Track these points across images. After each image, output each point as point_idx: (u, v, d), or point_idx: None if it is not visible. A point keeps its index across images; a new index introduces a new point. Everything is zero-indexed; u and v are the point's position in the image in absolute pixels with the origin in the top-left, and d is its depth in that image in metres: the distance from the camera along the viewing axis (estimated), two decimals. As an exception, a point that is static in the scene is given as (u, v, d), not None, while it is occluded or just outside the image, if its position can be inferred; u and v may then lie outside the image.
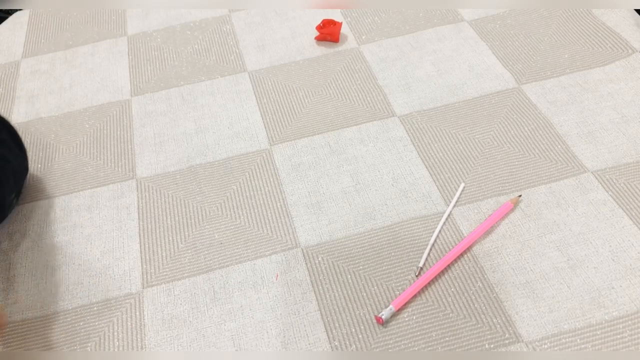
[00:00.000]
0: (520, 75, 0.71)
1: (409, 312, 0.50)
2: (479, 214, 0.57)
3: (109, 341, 0.50)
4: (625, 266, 0.52)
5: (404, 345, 0.48)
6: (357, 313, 0.50)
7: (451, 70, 0.72)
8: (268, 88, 0.72)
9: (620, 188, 0.57)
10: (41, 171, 0.65)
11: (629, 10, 0.77)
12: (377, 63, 0.74)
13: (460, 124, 0.66)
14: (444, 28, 0.78)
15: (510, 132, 0.64)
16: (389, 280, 0.52)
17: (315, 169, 0.62)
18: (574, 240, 0.54)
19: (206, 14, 0.85)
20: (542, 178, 0.59)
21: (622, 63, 0.70)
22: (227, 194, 0.61)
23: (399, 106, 0.68)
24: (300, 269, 0.54)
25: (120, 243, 0.57)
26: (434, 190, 0.59)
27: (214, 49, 0.79)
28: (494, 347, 0.47)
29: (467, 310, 0.50)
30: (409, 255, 0.54)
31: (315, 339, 0.49)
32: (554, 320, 0.49)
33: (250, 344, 0.49)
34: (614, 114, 0.65)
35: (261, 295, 0.52)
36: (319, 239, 0.56)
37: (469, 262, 0.53)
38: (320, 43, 0.78)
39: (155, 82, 0.75)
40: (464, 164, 0.61)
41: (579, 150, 0.61)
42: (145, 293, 0.53)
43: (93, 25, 0.85)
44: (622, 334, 0.47)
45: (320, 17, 0.80)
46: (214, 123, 0.68)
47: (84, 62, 0.79)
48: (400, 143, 0.64)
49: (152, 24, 0.84)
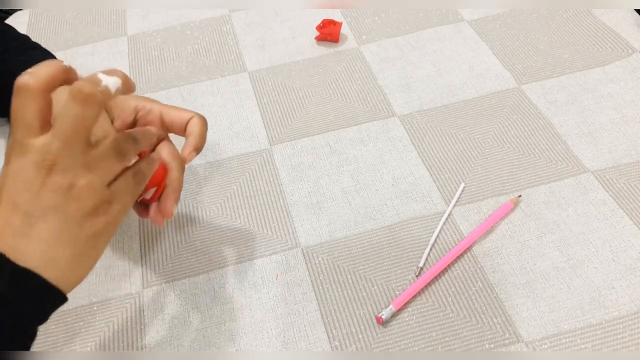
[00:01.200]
0: (520, 75, 0.71)
1: (409, 312, 0.50)
2: (479, 214, 0.57)
3: (109, 341, 0.50)
4: (625, 266, 0.52)
5: (404, 345, 0.48)
6: (357, 313, 0.50)
7: (451, 70, 0.72)
8: (268, 88, 0.72)
9: (620, 188, 0.57)
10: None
11: (629, 10, 0.77)
12: (377, 63, 0.74)
13: (460, 124, 0.66)
14: (444, 28, 0.78)
15: (510, 132, 0.64)
16: (389, 280, 0.52)
17: (315, 169, 0.62)
18: (574, 240, 0.54)
19: (206, 14, 0.85)
20: (542, 178, 0.59)
21: (622, 63, 0.70)
22: (227, 194, 0.61)
23: (399, 106, 0.68)
24: (300, 269, 0.54)
25: (120, 243, 0.57)
26: (434, 190, 0.59)
27: (214, 49, 0.79)
28: (494, 347, 0.47)
29: (467, 310, 0.50)
30: (409, 255, 0.54)
31: (315, 339, 0.49)
32: (554, 320, 0.49)
33: (250, 344, 0.49)
34: (614, 114, 0.65)
35: (261, 295, 0.52)
36: (319, 239, 0.56)
37: (469, 262, 0.53)
38: (320, 43, 0.78)
39: (155, 82, 0.75)
40: (464, 164, 0.61)
41: (579, 150, 0.61)
42: (145, 293, 0.53)
43: (93, 25, 0.85)
44: (622, 334, 0.47)
45: (320, 17, 0.80)
46: (214, 123, 0.68)
47: (84, 62, 0.79)
48: (400, 143, 0.64)
49: (152, 24, 0.84)
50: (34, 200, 0.35)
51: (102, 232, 0.38)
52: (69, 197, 0.36)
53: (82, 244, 0.37)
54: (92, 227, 0.37)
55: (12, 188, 0.36)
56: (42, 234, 0.35)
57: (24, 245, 0.35)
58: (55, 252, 0.36)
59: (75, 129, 0.35)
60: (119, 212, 0.39)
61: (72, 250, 0.36)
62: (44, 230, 0.35)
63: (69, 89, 0.35)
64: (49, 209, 0.35)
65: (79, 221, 0.37)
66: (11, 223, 0.35)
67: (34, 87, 0.35)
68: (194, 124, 0.50)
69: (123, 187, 0.39)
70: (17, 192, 0.35)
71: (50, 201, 0.35)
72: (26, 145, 0.35)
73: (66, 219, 0.36)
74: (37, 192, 0.35)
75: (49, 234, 0.36)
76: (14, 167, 0.36)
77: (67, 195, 0.36)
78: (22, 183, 0.35)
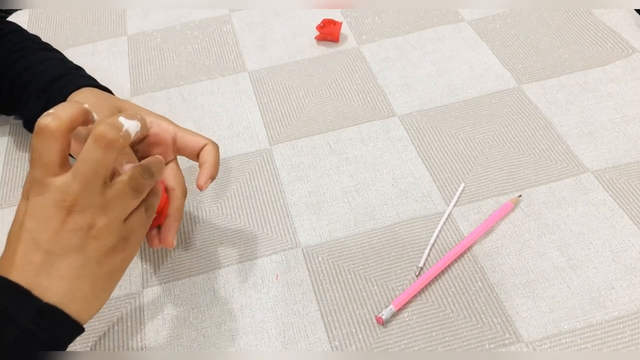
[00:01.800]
0: (520, 75, 0.71)
1: (409, 312, 0.50)
2: (479, 214, 0.57)
3: (109, 341, 0.50)
4: (625, 266, 0.52)
5: (404, 345, 0.48)
6: (357, 313, 0.50)
7: (451, 70, 0.72)
8: (268, 88, 0.72)
9: (620, 188, 0.57)
10: (41, 171, 0.65)
11: (629, 10, 0.77)
12: (377, 63, 0.74)
13: (460, 124, 0.66)
14: (444, 28, 0.78)
15: (510, 132, 0.64)
16: (389, 280, 0.52)
17: (315, 168, 0.62)
18: (574, 240, 0.54)
19: (206, 13, 0.85)
20: (542, 178, 0.59)
21: (622, 63, 0.70)
22: (227, 194, 0.61)
23: (399, 106, 0.68)
24: (300, 269, 0.54)
25: (120, 243, 0.57)
26: (434, 190, 0.59)
27: (214, 49, 0.79)
28: (494, 347, 0.47)
29: (467, 310, 0.50)
30: (409, 255, 0.54)
31: (315, 339, 0.49)
32: (554, 320, 0.49)
33: (250, 344, 0.49)
34: (614, 114, 0.65)
35: (261, 295, 0.52)
36: (319, 239, 0.56)
37: (469, 262, 0.53)
38: (320, 43, 0.78)
39: (155, 81, 0.75)
40: (464, 164, 0.61)
41: (579, 150, 0.61)
42: (145, 293, 0.53)
43: (93, 25, 0.85)
44: (622, 334, 0.47)
45: (320, 17, 0.80)
46: (214, 123, 0.68)
47: (84, 62, 0.79)
48: (400, 143, 0.64)
49: (152, 24, 0.84)
50: (55, 239, 0.37)
51: (120, 268, 0.40)
52: (88, 237, 0.37)
53: (101, 280, 0.39)
54: (111, 265, 0.39)
55: (32, 226, 0.37)
56: (63, 272, 0.37)
57: (45, 282, 0.37)
58: (76, 289, 0.38)
59: (96, 172, 0.37)
60: (134, 248, 0.41)
61: (91, 287, 0.38)
62: (64, 269, 0.37)
63: (92, 133, 0.37)
64: (70, 248, 0.37)
65: (99, 260, 0.38)
66: (32, 260, 0.37)
67: (56, 129, 0.37)
68: (209, 152, 0.50)
69: (137, 222, 0.41)
70: (38, 231, 0.37)
71: (70, 241, 0.37)
72: (46, 185, 0.37)
73: (87, 258, 0.38)
74: (57, 231, 0.37)
75: (70, 272, 0.37)
76: (33, 205, 0.37)
77: (87, 235, 0.37)
78: (42, 222, 0.37)
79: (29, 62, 0.60)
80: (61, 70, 0.59)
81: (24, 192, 0.38)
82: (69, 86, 0.56)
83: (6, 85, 0.60)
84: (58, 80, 0.57)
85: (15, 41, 0.63)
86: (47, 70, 0.58)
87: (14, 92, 0.59)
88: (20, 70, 0.59)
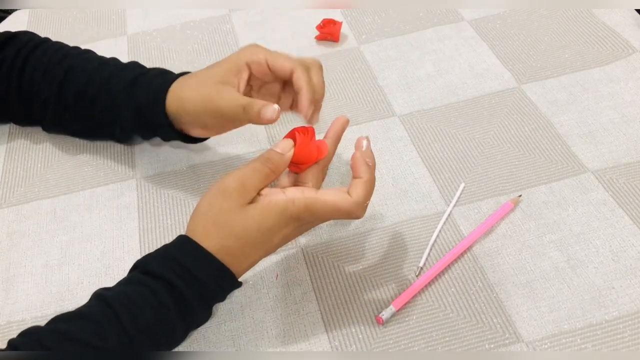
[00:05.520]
0: (520, 75, 0.71)
1: (409, 312, 0.50)
2: (479, 214, 0.57)
3: (108, 341, 0.50)
4: (625, 266, 0.52)
5: (404, 345, 0.48)
6: (357, 313, 0.50)
7: (451, 70, 0.72)
8: (268, 88, 0.72)
9: (620, 188, 0.57)
10: (41, 171, 0.65)
11: (629, 10, 0.77)
12: (377, 63, 0.74)
13: (460, 123, 0.66)
14: (444, 28, 0.78)
15: (510, 132, 0.64)
16: (389, 280, 0.52)
17: (315, 168, 0.62)
18: (574, 240, 0.54)
19: (206, 13, 0.85)
20: (542, 178, 0.59)
21: (622, 63, 0.70)
22: (227, 193, 0.61)
23: (399, 106, 0.68)
24: (300, 269, 0.54)
25: (120, 243, 0.57)
26: (434, 190, 0.59)
27: (214, 49, 0.79)
28: (494, 347, 0.47)
29: (467, 310, 0.50)
30: (409, 255, 0.54)
31: (315, 339, 0.49)
32: (554, 320, 0.49)
33: (250, 344, 0.49)
34: (614, 114, 0.65)
35: (261, 295, 0.52)
36: (319, 238, 0.56)
37: (469, 262, 0.53)
38: (320, 43, 0.78)
39: (155, 81, 0.75)
40: (464, 164, 0.61)
41: (579, 150, 0.61)
42: (145, 293, 0.53)
43: (93, 25, 0.85)
44: (622, 334, 0.47)
45: (320, 16, 0.80)
46: (214, 123, 0.68)
47: (84, 62, 0.79)
48: (400, 143, 0.64)
49: (152, 24, 0.84)
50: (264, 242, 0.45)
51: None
52: (284, 243, 0.47)
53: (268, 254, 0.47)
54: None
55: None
56: (251, 260, 0.46)
57: (236, 266, 0.45)
58: (249, 265, 0.46)
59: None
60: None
61: (259, 258, 0.46)
62: (252, 258, 0.45)
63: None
64: (269, 247, 0.46)
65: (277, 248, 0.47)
66: (229, 246, 0.44)
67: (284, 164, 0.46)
68: (297, 78, 0.50)
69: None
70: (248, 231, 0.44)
71: (277, 245, 0.46)
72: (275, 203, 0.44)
73: (270, 250, 0.46)
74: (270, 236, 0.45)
75: (255, 260, 0.46)
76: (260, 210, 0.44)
77: (284, 241, 0.46)
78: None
79: (76, 62, 0.61)
80: (135, 72, 0.58)
81: (224, 196, 0.44)
82: (159, 92, 0.55)
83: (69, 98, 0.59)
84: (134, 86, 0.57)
85: (52, 52, 0.63)
86: (123, 76, 0.58)
87: (81, 103, 0.59)
88: (68, 69, 0.60)
